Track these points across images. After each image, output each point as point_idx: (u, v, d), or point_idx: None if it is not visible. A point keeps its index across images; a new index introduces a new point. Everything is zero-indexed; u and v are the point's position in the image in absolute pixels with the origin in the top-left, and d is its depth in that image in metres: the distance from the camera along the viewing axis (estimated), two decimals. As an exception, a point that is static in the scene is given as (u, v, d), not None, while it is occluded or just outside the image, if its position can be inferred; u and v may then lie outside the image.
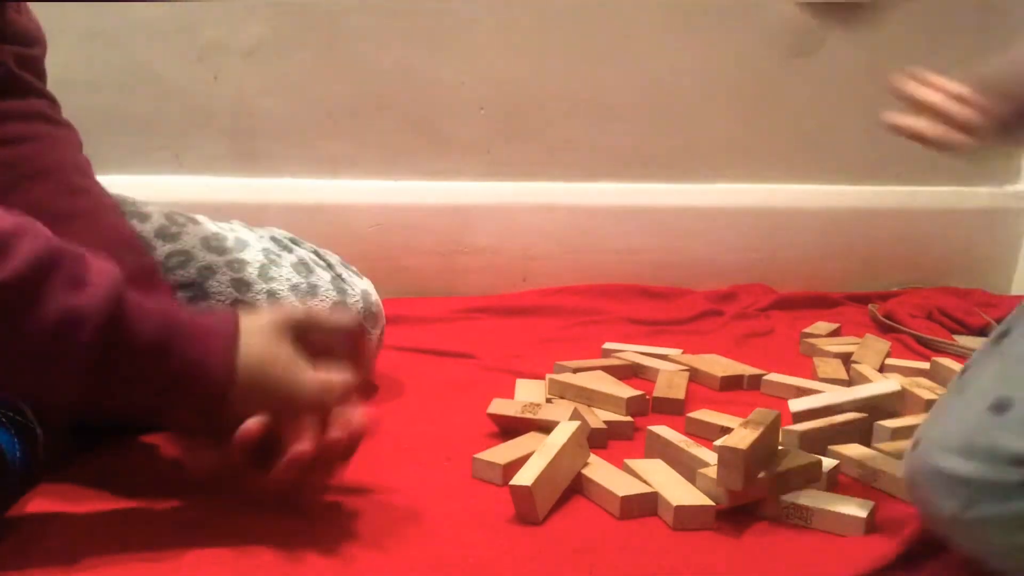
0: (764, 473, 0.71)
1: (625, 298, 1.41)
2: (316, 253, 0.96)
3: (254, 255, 0.89)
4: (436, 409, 0.94)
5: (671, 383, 0.99)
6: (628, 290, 1.43)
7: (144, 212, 0.86)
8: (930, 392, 0.95)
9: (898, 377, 1.00)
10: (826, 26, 0.70)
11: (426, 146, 1.42)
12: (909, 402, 0.94)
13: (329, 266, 0.94)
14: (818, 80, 1.49)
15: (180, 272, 0.85)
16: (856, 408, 0.89)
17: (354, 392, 0.68)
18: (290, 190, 1.38)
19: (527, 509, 0.70)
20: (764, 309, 1.38)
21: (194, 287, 0.85)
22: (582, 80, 1.43)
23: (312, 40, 1.35)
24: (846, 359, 1.12)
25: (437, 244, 1.43)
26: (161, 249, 0.85)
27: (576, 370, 1.02)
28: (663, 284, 1.45)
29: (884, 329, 1.30)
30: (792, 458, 0.75)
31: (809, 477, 0.74)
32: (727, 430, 0.85)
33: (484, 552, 0.65)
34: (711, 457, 0.76)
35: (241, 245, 0.89)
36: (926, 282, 1.53)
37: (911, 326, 1.28)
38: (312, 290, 0.89)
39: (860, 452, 0.82)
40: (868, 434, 0.87)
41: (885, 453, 0.82)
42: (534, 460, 0.72)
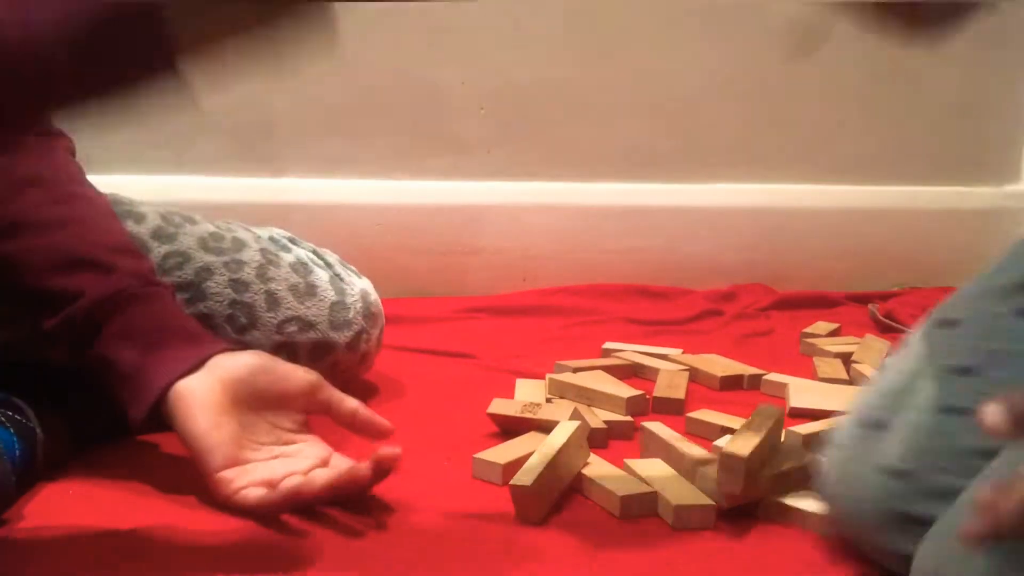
0: (766, 470, 0.71)
1: (625, 298, 1.41)
2: (315, 252, 0.95)
3: (252, 255, 0.89)
4: (436, 409, 0.94)
5: (671, 383, 0.99)
6: (628, 290, 1.43)
7: (140, 213, 0.86)
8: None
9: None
10: (880, 32, 0.62)
11: (426, 146, 1.42)
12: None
13: (328, 265, 0.94)
14: (819, 80, 1.49)
15: (177, 273, 0.84)
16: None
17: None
18: (290, 190, 1.38)
19: (527, 509, 0.70)
20: (764, 309, 1.38)
21: (191, 288, 0.84)
22: (582, 80, 1.43)
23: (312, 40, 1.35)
24: (846, 359, 1.12)
25: (437, 244, 1.43)
26: (157, 250, 0.84)
27: (576, 370, 1.02)
28: (663, 284, 1.45)
29: (884, 329, 1.30)
30: (795, 458, 0.75)
31: (811, 478, 0.74)
32: (727, 430, 0.86)
33: (484, 552, 0.65)
34: (699, 452, 0.76)
35: (239, 245, 0.89)
36: (926, 282, 1.52)
37: (911, 326, 1.28)
38: (311, 290, 0.89)
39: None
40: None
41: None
42: (534, 460, 0.72)
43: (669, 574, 0.64)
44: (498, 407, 0.87)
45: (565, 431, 0.77)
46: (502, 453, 0.78)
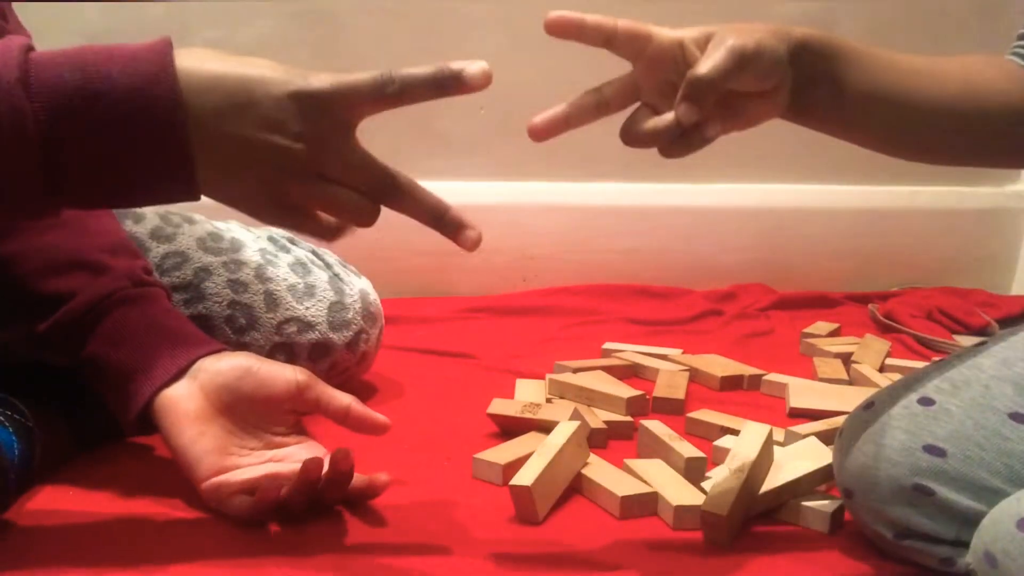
0: (762, 488, 0.71)
1: (625, 298, 1.41)
2: (314, 253, 0.95)
3: (251, 255, 0.89)
4: (436, 409, 0.94)
5: (671, 383, 0.99)
6: (628, 290, 1.43)
7: (139, 212, 0.85)
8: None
9: (898, 377, 1.00)
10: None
11: (426, 146, 1.42)
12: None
13: (327, 266, 0.94)
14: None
15: (176, 274, 0.84)
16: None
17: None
18: (290, 190, 1.38)
19: (527, 509, 0.70)
20: (764, 309, 1.38)
21: (190, 289, 0.84)
22: (582, 80, 1.42)
23: (312, 40, 1.35)
24: (846, 359, 1.12)
25: (437, 244, 1.40)
26: (156, 251, 0.84)
27: (576, 370, 1.02)
28: (663, 284, 1.45)
29: (884, 329, 1.30)
30: (796, 463, 0.74)
31: (812, 480, 0.74)
32: (727, 430, 0.86)
33: (484, 552, 0.65)
34: (693, 452, 0.77)
35: (238, 245, 0.89)
36: (926, 282, 1.53)
37: (911, 326, 1.28)
38: (310, 291, 0.89)
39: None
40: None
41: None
42: (534, 460, 0.72)
43: (669, 574, 0.64)
44: (498, 407, 0.87)
45: (565, 431, 0.77)
46: (502, 453, 0.78)
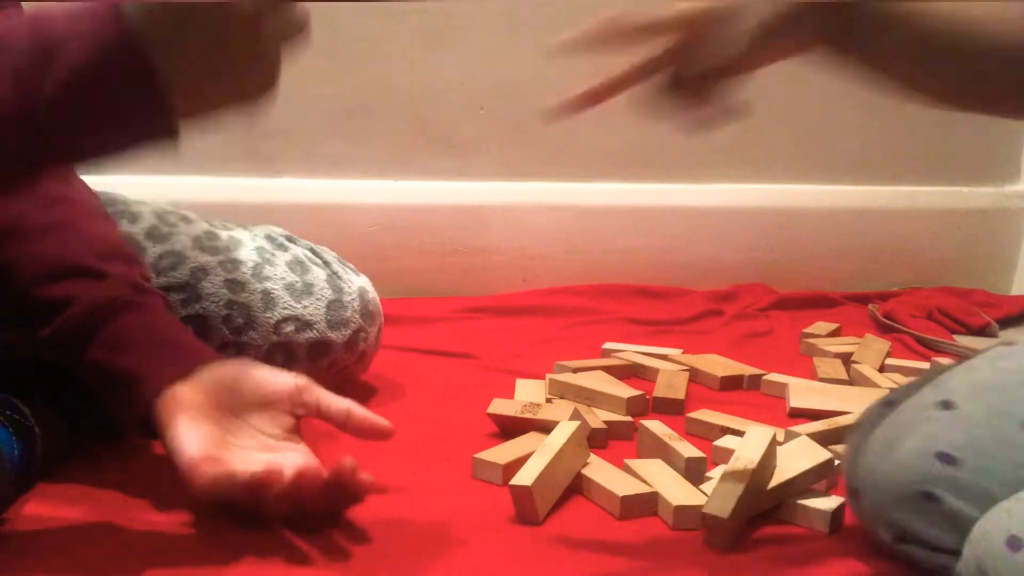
0: (764, 488, 0.71)
1: (625, 298, 1.41)
2: (312, 250, 0.95)
3: (248, 254, 0.88)
4: (436, 409, 0.94)
5: (671, 383, 0.99)
6: (628, 290, 1.43)
7: (134, 212, 0.85)
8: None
9: (898, 377, 1.00)
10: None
11: (426, 146, 1.42)
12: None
13: (325, 263, 0.94)
14: (818, 80, 1.48)
15: (172, 274, 0.83)
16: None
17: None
18: (290, 190, 1.38)
19: (527, 509, 0.69)
20: (764, 309, 1.38)
21: (187, 289, 0.83)
22: (582, 80, 1.42)
23: (312, 40, 1.35)
24: (846, 359, 1.12)
25: (437, 244, 1.43)
26: (152, 251, 0.83)
27: (576, 370, 1.02)
28: (663, 284, 1.45)
29: (884, 329, 1.30)
30: (797, 462, 0.74)
31: (814, 479, 0.74)
32: (727, 430, 0.86)
33: (484, 552, 0.65)
34: (692, 451, 0.77)
35: (235, 244, 0.88)
36: (926, 282, 1.52)
37: (911, 326, 1.28)
38: (307, 289, 0.89)
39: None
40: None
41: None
42: (534, 460, 0.72)
43: (669, 574, 0.64)
44: (498, 407, 0.87)
45: (565, 431, 0.77)
46: (502, 453, 0.78)
